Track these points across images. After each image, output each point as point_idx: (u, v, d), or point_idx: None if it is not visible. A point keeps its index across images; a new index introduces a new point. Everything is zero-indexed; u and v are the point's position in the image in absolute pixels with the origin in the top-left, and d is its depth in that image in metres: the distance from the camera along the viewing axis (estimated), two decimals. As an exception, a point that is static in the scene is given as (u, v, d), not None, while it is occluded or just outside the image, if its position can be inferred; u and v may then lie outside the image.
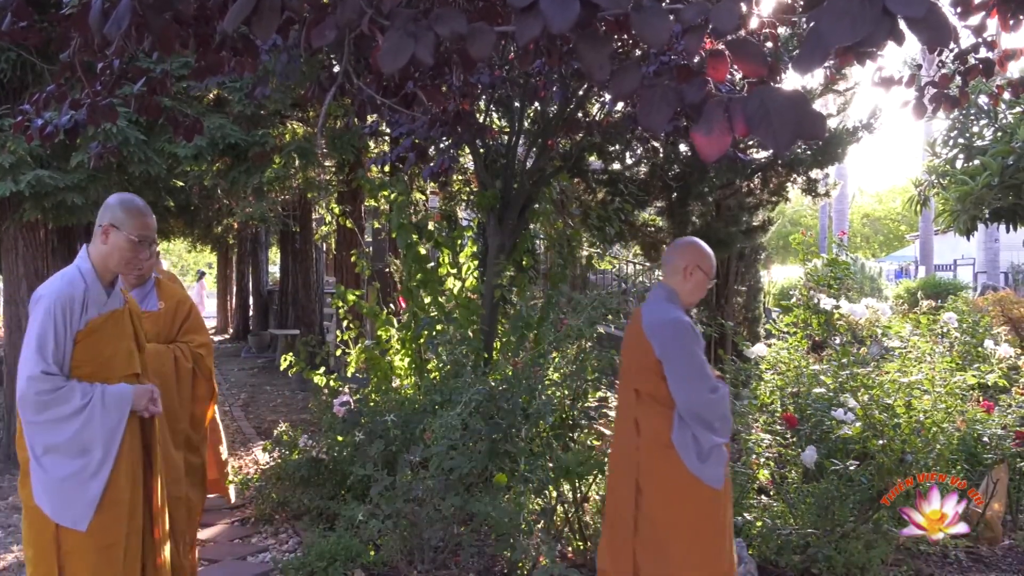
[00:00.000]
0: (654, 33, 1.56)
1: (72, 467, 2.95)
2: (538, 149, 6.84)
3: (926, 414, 4.85)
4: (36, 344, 2.94)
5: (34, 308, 3.01)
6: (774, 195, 9.27)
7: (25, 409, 2.92)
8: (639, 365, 3.47)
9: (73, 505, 2.95)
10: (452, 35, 1.66)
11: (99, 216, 3.18)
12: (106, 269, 3.17)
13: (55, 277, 3.12)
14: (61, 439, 2.94)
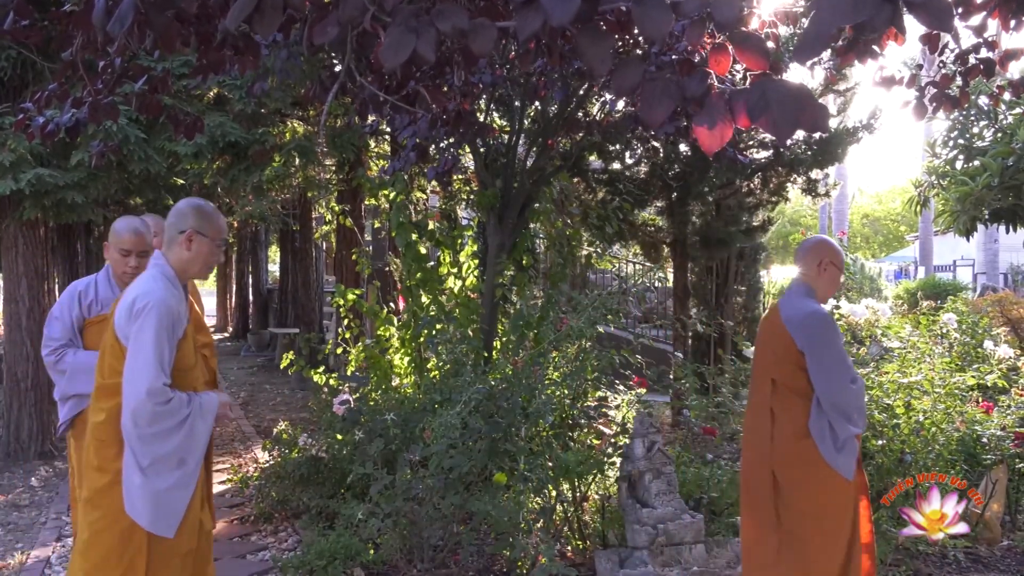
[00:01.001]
0: (655, 27, 1.56)
1: (172, 478, 3.00)
2: (538, 148, 6.84)
3: (925, 415, 4.86)
4: (154, 355, 2.93)
5: (141, 317, 2.96)
6: (774, 195, 9.26)
7: (139, 420, 2.92)
8: (776, 357, 3.62)
9: (168, 514, 3.00)
10: (454, 31, 1.66)
11: (175, 223, 3.16)
12: (185, 275, 3.19)
13: (151, 283, 3.07)
14: (166, 451, 2.98)
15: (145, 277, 3.11)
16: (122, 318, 3.00)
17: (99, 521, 3.00)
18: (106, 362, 3.08)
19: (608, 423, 5.29)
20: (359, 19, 1.76)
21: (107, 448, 3.02)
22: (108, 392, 3.03)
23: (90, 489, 3.04)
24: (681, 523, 4.39)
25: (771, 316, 3.74)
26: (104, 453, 3.02)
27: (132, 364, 2.94)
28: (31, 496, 6.66)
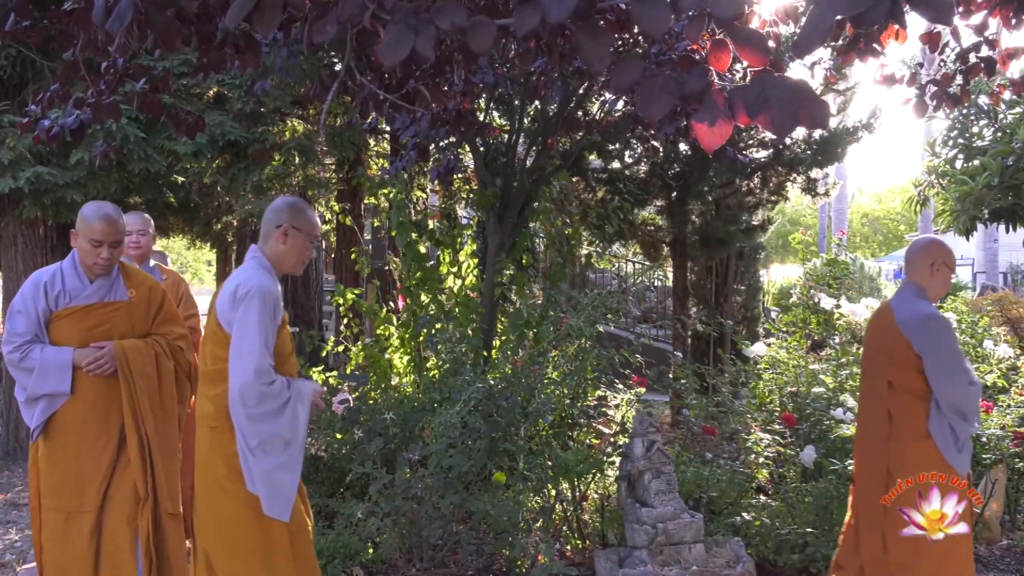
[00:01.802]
0: (654, 24, 1.56)
1: (280, 459, 3.10)
2: (538, 148, 6.84)
3: (925, 414, 4.84)
4: (260, 337, 3.04)
5: (244, 302, 3.07)
6: (774, 194, 9.26)
7: (247, 400, 3.01)
8: (892, 359, 3.67)
9: (280, 497, 3.10)
10: (453, 28, 1.66)
11: (271, 218, 3.30)
12: (280, 268, 3.32)
13: (251, 271, 3.20)
14: (273, 431, 3.07)
15: (245, 267, 3.25)
16: (225, 305, 3.11)
17: (227, 506, 3.13)
18: (208, 350, 3.20)
19: (607, 422, 5.29)
20: (358, 17, 1.76)
21: (222, 434, 3.12)
22: (213, 379, 3.15)
23: (212, 478, 3.16)
24: (680, 522, 4.39)
25: (883, 317, 3.80)
26: (220, 438, 3.13)
27: (238, 347, 3.05)
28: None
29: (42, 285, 3.66)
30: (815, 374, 5.58)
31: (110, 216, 3.68)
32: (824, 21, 1.47)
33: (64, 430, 3.68)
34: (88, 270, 3.73)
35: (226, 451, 3.11)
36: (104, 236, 3.65)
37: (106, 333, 3.74)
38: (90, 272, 3.73)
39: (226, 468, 3.11)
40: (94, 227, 3.64)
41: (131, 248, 4.71)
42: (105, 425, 3.71)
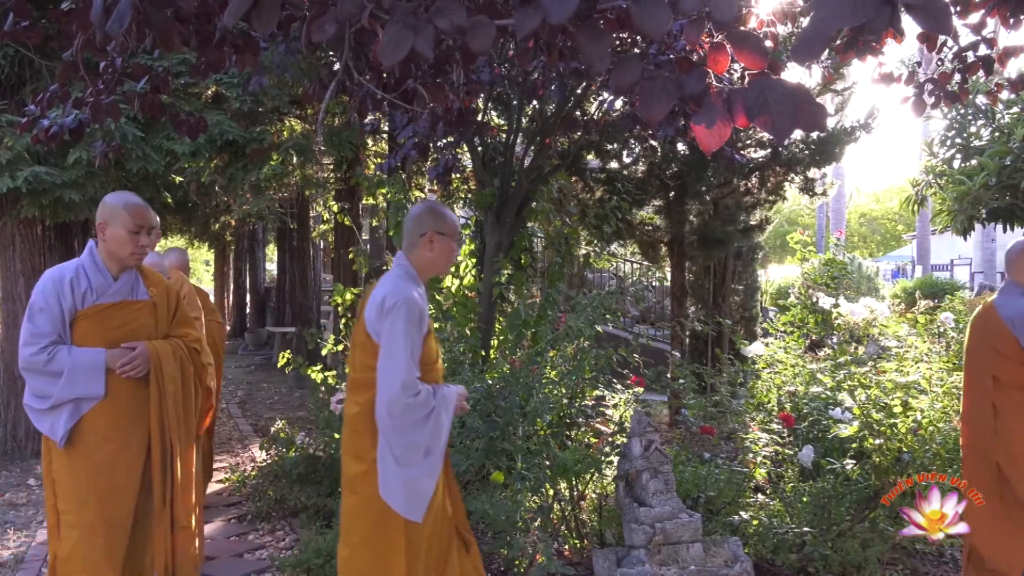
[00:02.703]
0: (654, 25, 1.56)
1: (421, 467, 3.17)
2: (536, 147, 6.83)
3: (923, 414, 4.86)
4: (406, 350, 3.09)
5: (392, 314, 3.12)
6: (771, 194, 9.27)
7: (394, 412, 3.08)
8: (998, 354, 3.90)
9: (418, 500, 3.18)
10: (452, 28, 1.66)
11: (413, 227, 3.34)
12: (427, 273, 3.39)
13: (397, 282, 3.24)
14: (416, 440, 3.14)
15: (391, 277, 3.29)
16: (373, 315, 3.18)
17: (356, 506, 3.25)
18: (357, 358, 3.29)
19: (606, 422, 5.29)
20: (357, 16, 1.76)
21: (363, 438, 3.21)
22: (361, 386, 3.23)
23: (347, 476, 3.29)
24: (678, 522, 4.39)
25: (987, 315, 4.01)
26: (360, 442, 3.22)
27: (386, 359, 3.11)
28: (28, 495, 6.65)
29: (67, 281, 3.45)
30: (813, 374, 5.58)
31: (142, 202, 3.60)
32: (824, 30, 1.47)
33: (92, 439, 3.46)
34: (121, 262, 3.55)
35: (362, 455, 3.22)
36: (144, 220, 3.53)
37: (132, 333, 3.56)
38: (123, 264, 3.56)
39: (359, 470, 3.23)
40: (135, 212, 3.51)
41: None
42: (135, 434, 3.54)
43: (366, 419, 3.19)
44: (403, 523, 3.17)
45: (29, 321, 3.42)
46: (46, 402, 3.42)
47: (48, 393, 3.41)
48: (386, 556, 3.20)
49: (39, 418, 3.46)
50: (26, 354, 3.39)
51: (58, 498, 3.47)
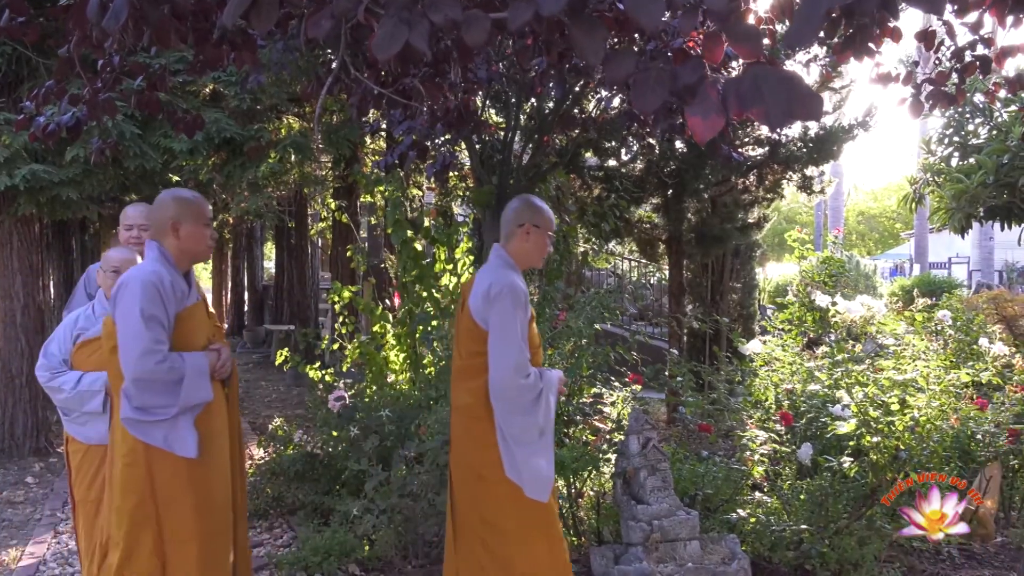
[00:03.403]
0: (648, 17, 1.56)
1: (536, 447, 3.31)
2: (534, 145, 6.84)
3: (920, 411, 4.86)
4: (518, 333, 3.24)
5: (499, 300, 3.26)
6: (769, 192, 9.27)
7: (508, 394, 3.22)
8: None
9: (539, 480, 3.30)
10: (446, 21, 1.66)
11: (513, 218, 3.48)
12: (523, 263, 3.51)
13: (500, 270, 3.37)
14: (530, 422, 3.27)
15: (492, 266, 3.44)
16: (479, 303, 3.31)
17: (485, 492, 3.35)
18: (464, 345, 3.42)
19: (603, 420, 5.29)
20: (353, 11, 1.76)
21: (482, 423, 3.33)
22: (470, 372, 3.36)
23: (470, 464, 3.39)
24: (676, 519, 4.39)
25: None
26: (480, 428, 3.34)
27: (498, 344, 3.24)
28: (26, 492, 6.65)
29: (168, 284, 3.24)
30: (811, 371, 5.58)
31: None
32: (815, 12, 1.46)
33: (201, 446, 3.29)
34: (196, 258, 3.45)
35: (484, 440, 3.32)
36: (210, 213, 3.45)
37: (206, 334, 3.44)
38: (196, 260, 3.47)
39: (483, 456, 3.32)
40: (203, 205, 3.41)
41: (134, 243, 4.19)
42: (224, 437, 3.43)
43: (482, 405, 3.31)
44: (532, 503, 3.29)
45: (146, 330, 3.15)
46: (167, 411, 3.21)
47: (168, 403, 3.20)
48: (526, 537, 3.32)
49: (148, 430, 3.21)
50: (149, 364, 3.13)
51: (162, 511, 3.21)
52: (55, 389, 3.81)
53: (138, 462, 3.20)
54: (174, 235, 3.33)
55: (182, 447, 3.20)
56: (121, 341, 3.17)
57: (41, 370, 3.84)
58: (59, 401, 3.84)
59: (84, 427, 3.84)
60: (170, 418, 3.20)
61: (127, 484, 3.22)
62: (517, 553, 3.33)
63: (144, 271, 3.24)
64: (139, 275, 3.21)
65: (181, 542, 3.21)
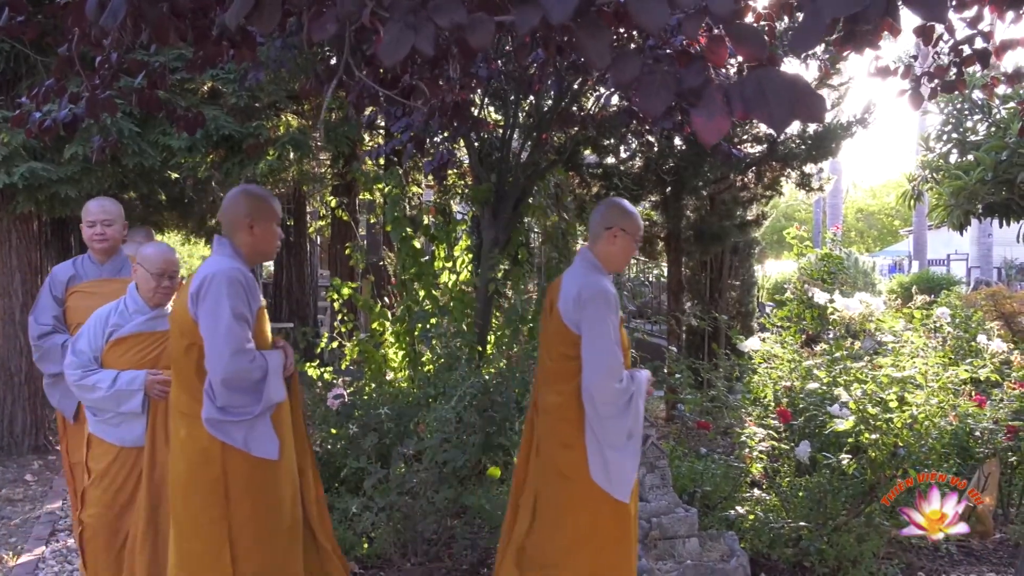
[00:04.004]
0: (652, 19, 1.56)
1: (624, 449, 3.33)
2: (533, 143, 6.83)
3: (919, 408, 4.87)
4: (611, 337, 3.27)
5: (590, 304, 3.29)
6: (768, 189, 9.27)
7: (603, 398, 3.24)
8: None
9: (624, 482, 3.35)
10: (452, 25, 1.66)
11: (600, 220, 3.48)
12: (608, 266, 3.51)
13: (589, 275, 3.41)
14: (620, 425, 3.30)
15: (579, 270, 3.46)
16: (569, 306, 3.34)
17: (566, 492, 3.39)
18: (555, 349, 3.43)
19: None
20: (357, 15, 1.76)
21: (570, 425, 3.36)
22: (562, 375, 3.38)
23: (555, 464, 3.42)
24: (675, 517, 4.40)
25: None
26: (568, 430, 3.37)
27: (591, 348, 3.27)
28: (25, 490, 6.65)
29: (251, 282, 3.25)
30: (809, 369, 5.58)
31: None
32: (820, 20, 1.47)
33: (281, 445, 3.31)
34: (265, 257, 3.51)
35: (569, 441, 3.36)
36: (280, 212, 3.48)
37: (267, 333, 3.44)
38: (264, 258, 3.53)
39: (568, 456, 3.36)
40: (276, 205, 3.42)
41: (96, 241, 4.26)
42: (291, 436, 3.42)
43: (572, 407, 3.34)
44: (615, 504, 3.34)
45: (238, 328, 3.11)
46: (249, 411, 3.18)
47: (250, 402, 3.18)
48: (605, 537, 3.36)
49: (228, 430, 3.17)
50: (241, 363, 3.08)
51: (234, 511, 3.19)
52: (87, 388, 3.66)
53: (211, 461, 3.16)
54: (248, 232, 3.30)
55: (260, 448, 3.19)
56: (209, 339, 3.09)
57: (71, 368, 3.69)
58: (91, 401, 3.70)
59: (118, 428, 3.70)
60: (251, 418, 3.17)
61: (194, 484, 3.20)
62: (588, 553, 3.38)
63: (227, 267, 3.17)
64: (223, 271, 3.14)
65: (256, 541, 3.21)
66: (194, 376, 3.17)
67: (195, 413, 3.17)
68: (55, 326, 4.24)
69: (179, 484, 3.26)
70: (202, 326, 3.11)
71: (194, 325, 3.13)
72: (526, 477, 3.60)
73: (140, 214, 10.05)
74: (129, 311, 3.74)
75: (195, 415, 3.17)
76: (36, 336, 4.24)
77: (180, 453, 3.25)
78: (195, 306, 3.11)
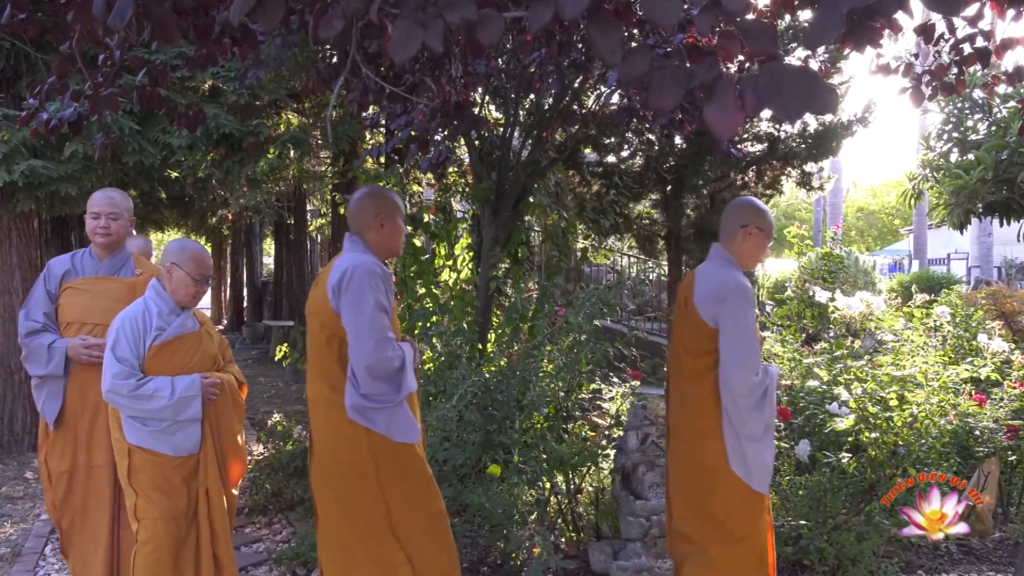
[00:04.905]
0: (664, 15, 1.57)
1: (764, 441, 3.45)
2: (533, 141, 6.83)
3: (919, 407, 4.86)
4: (752, 333, 3.39)
5: (730, 300, 3.38)
6: (769, 188, 9.29)
7: (742, 391, 3.34)
8: None
9: (764, 473, 3.46)
10: (462, 22, 1.66)
11: (736, 218, 3.56)
12: (744, 264, 3.60)
13: (725, 270, 3.50)
14: (759, 418, 3.40)
15: (716, 266, 3.55)
16: (708, 302, 3.43)
17: (713, 482, 3.46)
18: (690, 343, 3.52)
19: (602, 415, 5.30)
20: (364, 11, 1.76)
21: (708, 418, 3.44)
22: (698, 369, 3.47)
23: (700, 455, 3.49)
24: (675, 515, 4.40)
25: None
26: (705, 422, 3.45)
27: (732, 342, 3.36)
28: (25, 488, 6.65)
29: (387, 273, 3.36)
30: (809, 367, 5.58)
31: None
32: (835, 14, 1.47)
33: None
34: (391, 253, 3.53)
35: (708, 433, 3.44)
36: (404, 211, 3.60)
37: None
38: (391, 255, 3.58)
39: (707, 447, 3.44)
40: (400, 203, 3.53)
41: (98, 234, 4.01)
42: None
43: (709, 400, 3.43)
44: (753, 494, 3.43)
45: (381, 320, 3.21)
46: (392, 399, 3.28)
47: (391, 390, 3.28)
48: (742, 527, 3.45)
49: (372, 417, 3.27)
50: (385, 353, 3.18)
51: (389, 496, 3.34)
52: (144, 397, 3.45)
53: (357, 447, 3.29)
54: (377, 230, 3.41)
55: (402, 434, 3.31)
56: (354, 329, 3.18)
57: (120, 378, 3.44)
58: (147, 411, 3.48)
59: (173, 437, 3.53)
60: (392, 406, 3.28)
61: (344, 472, 3.34)
62: (728, 541, 3.47)
63: (366, 261, 3.28)
64: (364, 265, 3.25)
65: (421, 517, 3.39)
66: (336, 366, 3.28)
67: (337, 403, 3.27)
68: (45, 324, 3.97)
69: (328, 474, 3.41)
70: (345, 317, 3.20)
71: (336, 317, 3.22)
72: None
73: (140, 212, 10.05)
74: (165, 313, 3.59)
75: (337, 404, 3.27)
76: (24, 333, 3.97)
77: (325, 444, 3.38)
78: (337, 298, 3.21)
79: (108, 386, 3.46)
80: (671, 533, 3.72)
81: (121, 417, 3.54)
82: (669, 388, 3.74)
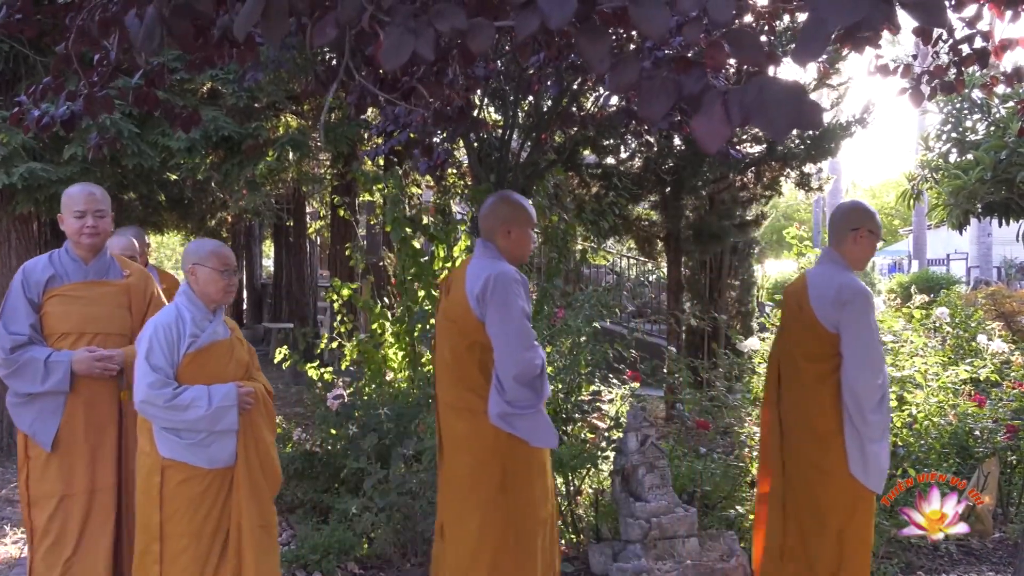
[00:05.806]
0: (653, 26, 1.57)
1: (882, 443, 3.52)
2: (532, 143, 6.83)
3: (918, 408, 4.87)
4: (876, 336, 3.50)
5: (852, 304, 3.45)
6: (767, 189, 9.27)
7: (866, 393, 3.42)
8: None
9: (881, 474, 3.52)
10: (452, 31, 1.67)
11: (848, 220, 3.65)
12: (855, 266, 3.69)
13: (841, 274, 3.56)
14: (880, 420, 3.48)
15: (829, 270, 3.62)
16: (826, 307, 3.48)
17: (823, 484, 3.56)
18: (806, 347, 3.60)
19: (602, 417, 5.30)
20: (357, 19, 1.76)
21: (827, 420, 3.52)
22: (815, 374, 3.54)
23: (817, 458, 3.57)
24: (674, 517, 4.40)
25: None
26: (824, 424, 3.52)
27: (855, 345, 3.43)
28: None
29: (525, 280, 3.44)
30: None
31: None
32: (821, 31, 1.48)
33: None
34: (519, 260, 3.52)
35: (826, 434, 3.51)
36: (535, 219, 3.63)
37: None
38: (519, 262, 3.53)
39: (825, 447, 3.53)
40: (532, 211, 3.57)
41: (86, 235, 3.71)
42: None
43: (828, 403, 3.50)
44: (868, 495, 3.52)
45: (528, 327, 3.32)
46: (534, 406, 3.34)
47: (533, 397, 3.33)
48: (858, 528, 3.53)
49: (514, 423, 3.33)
50: (532, 360, 3.26)
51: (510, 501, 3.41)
52: (180, 408, 3.27)
53: (497, 454, 3.33)
54: (505, 237, 3.45)
55: (541, 439, 3.37)
56: (502, 337, 3.22)
57: (156, 388, 3.25)
58: (183, 422, 3.30)
59: (209, 449, 3.33)
60: (535, 412, 3.32)
61: (477, 479, 3.36)
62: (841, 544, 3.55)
63: (505, 269, 3.33)
64: (506, 273, 3.30)
65: (535, 522, 3.44)
66: (477, 373, 3.31)
67: (478, 409, 3.30)
68: (31, 336, 3.60)
69: (461, 480, 3.41)
70: (491, 326, 3.24)
71: (479, 324, 3.26)
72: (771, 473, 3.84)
73: (140, 215, 10.05)
74: (199, 319, 3.43)
75: (478, 411, 3.31)
76: (9, 348, 3.56)
77: (463, 450, 3.39)
78: (481, 307, 3.24)
79: (143, 396, 3.27)
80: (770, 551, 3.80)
81: (154, 429, 3.34)
82: (780, 396, 3.77)
